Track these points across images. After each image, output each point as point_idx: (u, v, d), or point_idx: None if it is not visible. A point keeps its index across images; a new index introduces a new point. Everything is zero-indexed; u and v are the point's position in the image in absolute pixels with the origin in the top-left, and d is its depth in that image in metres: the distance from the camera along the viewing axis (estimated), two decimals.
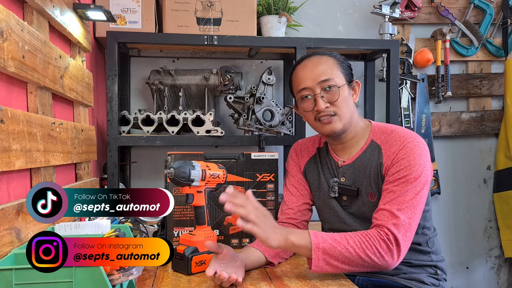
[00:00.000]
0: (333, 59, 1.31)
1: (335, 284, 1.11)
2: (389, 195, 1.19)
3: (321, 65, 1.29)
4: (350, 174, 1.32)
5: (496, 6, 2.38)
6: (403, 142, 1.23)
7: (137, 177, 2.16)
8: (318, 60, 1.30)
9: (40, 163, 1.16)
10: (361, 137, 1.33)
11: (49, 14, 1.27)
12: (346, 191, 1.32)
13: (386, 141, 1.27)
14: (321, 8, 2.29)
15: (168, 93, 1.95)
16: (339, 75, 1.28)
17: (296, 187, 1.42)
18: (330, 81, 1.26)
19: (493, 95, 2.43)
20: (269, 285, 1.11)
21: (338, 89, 1.26)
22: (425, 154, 1.22)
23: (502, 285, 2.48)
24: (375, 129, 1.33)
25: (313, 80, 1.27)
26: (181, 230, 1.45)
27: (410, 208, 1.16)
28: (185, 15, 1.91)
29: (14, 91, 1.11)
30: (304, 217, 1.40)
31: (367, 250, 1.10)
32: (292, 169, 1.46)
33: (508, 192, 2.31)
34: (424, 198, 1.20)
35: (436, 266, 1.33)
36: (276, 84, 2.15)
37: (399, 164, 1.21)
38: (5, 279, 0.77)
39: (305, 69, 1.30)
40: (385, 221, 1.15)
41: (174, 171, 1.16)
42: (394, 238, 1.13)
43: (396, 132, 1.28)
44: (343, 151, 1.35)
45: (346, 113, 1.28)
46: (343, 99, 1.27)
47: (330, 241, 1.11)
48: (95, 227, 1.10)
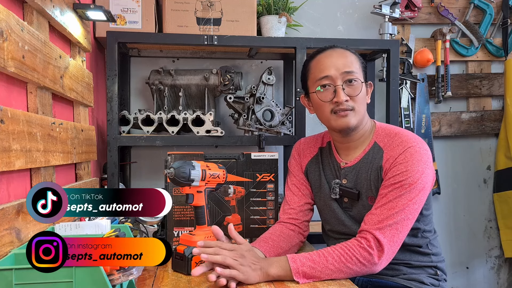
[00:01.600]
0: (355, 55, 1.31)
1: (335, 284, 1.11)
2: (382, 199, 1.19)
3: (347, 58, 1.28)
4: (352, 176, 1.31)
5: (496, 6, 2.38)
6: (405, 146, 1.22)
7: (137, 177, 2.16)
8: (343, 53, 1.30)
9: (40, 163, 1.16)
10: (366, 138, 1.33)
11: (49, 14, 1.27)
12: (347, 194, 1.32)
13: (388, 144, 1.26)
14: (321, 8, 2.29)
15: (168, 93, 1.95)
16: (360, 71, 1.28)
17: (298, 187, 1.42)
18: (354, 74, 1.25)
19: (493, 95, 2.43)
20: (269, 285, 1.11)
21: (361, 84, 1.26)
22: (425, 160, 1.21)
23: (502, 285, 2.48)
24: (379, 130, 1.32)
25: (337, 70, 1.25)
26: (181, 230, 1.45)
27: (401, 213, 1.15)
28: (185, 15, 1.91)
29: (14, 91, 1.11)
30: (306, 217, 1.40)
31: (348, 263, 1.12)
32: (294, 168, 1.45)
33: (508, 192, 2.31)
34: (419, 204, 1.19)
35: (436, 266, 1.33)
36: (276, 84, 2.15)
37: (396, 169, 1.20)
38: (5, 279, 0.77)
39: (330, 58, 1.28)
40: (371, 225, 1.16)
41: (174, 171, 1.16)
42: (376, 242, 1.13)
43: (399, 136, 1.26)
44: (347, 152, 1.35)
45: (362, 110, 1.28)
46: (363, 96, 1.27)
47: (309, 263, 1.11)
48: (95, 227, 1.10)
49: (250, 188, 1.51)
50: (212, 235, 1.24)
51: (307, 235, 1.42)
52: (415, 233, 1.29)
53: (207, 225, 1.24)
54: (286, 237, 1.34)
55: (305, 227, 1.40)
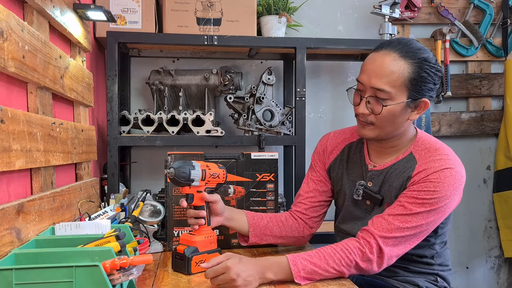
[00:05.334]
0: (411, 68, 1.13)
1: (335, 284, 1.12)
2: (399, 208, 1.14)
3: (387, 70, 1.13)
4: (379, 181, 1.26)
5: (496, 6, 2.38)
6: (444, 165, 1.15)
7: (137, 177, 2.16)
8: (389, 62, 1.14)
9: (40, 163, 1.16)
10: (402, 147, 1.26)
11: (49, 14, 1.27)
12: (370, 197, 1.27)
13: (425, 157, 1.19)
14: (321, 8, 2.29)
15: (168, 93, 1.95)
16: (401, 89, 1.14)
17: (316, 183, 1.39)
18: (383, 92, 1.14)
19: (493, 95, 2.43)
20: (269, 285, 1.11)
21: (388, 105, 1.14)
22: (458, 186, 1.14)
23: (502, 285, 2.49)
24: (419, 142, 1.24)
25: (369, 81, 1.15)
26: (181, 230, 1.45)
27: (413, 230, 1.13)
28: (185, 15, 1.91)
29: (14, 91, 1.11)
30: (316, 213, 1.38)
31: (348, 266, 1.12)
32: (316, 164, 1.41)
33: (508, 192, 2.31)
34: (433, 226, 1.16)
35: (437, 274, 1.30)
36: (276, 84, 2.15)
37: (426, 185, 1.13)
38: (5, 279, 0.77)
39: (371, 65, 1.17)
40: (378, 231, 1.13)
41: (174, 171, 1.16)
42: (378, 250, 1.12)
43: (440, 152, 1.19)
44: (378, 155, 1.29)
45: (387, 129, 1.19)
46: (389, 116, 1.16)
47: (310, 266, 1.11)
48: (95, 227, 1.10)
49: (250, 188, 1.51)
50: (212, 235, 1.25)
51: (314, 231, 1.41)
52: (423, 244, 1.22)
53: (207, 225, 1.24)
54: (285, 226, 1.35)
55: (313, 223, 1.39)
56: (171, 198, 1.45)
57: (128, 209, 1.43)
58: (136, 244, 1.10)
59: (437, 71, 1.17)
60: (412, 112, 1.19)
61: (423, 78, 1.14)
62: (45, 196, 1.18)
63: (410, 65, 1.14)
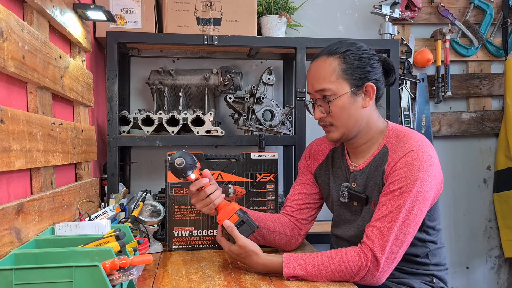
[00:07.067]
0: (339, 60, 1.21)
1: (335, 284, 1.11)
2: (382, 209, 1.14)
3: (321, 71, 1.22)
4: (361, 180, 1.26)
5: (496, 6, 2.38)
6: (407, 149, 1.15)
7: (137, 177, 2.16)
8: (320, 65, 1.23)
9: (40, 163, 1.16)
10: (375, 141, 1.27)
11: (49, 14, 1.27)
12: (356, 198, 1.27)
13: (394, 146, 1.20)
14: (321, 8, 2.29)
15: (168, 93, 1.95)
16: (340, 82, 1.20)
17: (302, 186, 1.42)
18: (326, 91, 1.21)
19: (493, 95, 2.43)
20: (269, 285, 1.11)
21: (334, 100, 1.20)
22: (427, 166, 1.13)
23: (502, 285, 2.48)
24: (390, 132, 1.25)
25: (313, 87, 1.24)
26: (181, 230, 1.45)
27: (402, 228, 1.11)
28: (185, 15, 1.91)
29: (14, 91, 1.11)
30: (304, 215, 1.40)
31: (344, 276, 1.12)
32: (304, 169, 1.45)
33: (508, 192, 2.31)
34: (420, 216, 1.14)
35: (433, 275, 1.29)
36: (276, 84, 2.15)
37: (396, 174, 1.14)
38: (5, 279, 0.77)
39: (309, 74, 1.26)
40: (373, 241, 1.12)
41: (174, 159, 1.17)
42: (375, 261, 1.11)
43: (406, 138, 1.20)
44: (356, 155, 1.31)
45: (344, 123, 1.22)
46: (341, 110, 1.21)
47: (301, 272, 1.13)
48: (95, 227, 1.10)
49: (250, 188, 1.51)
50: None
51: (305, 233, 1.42)
52: (414, 242, 1.20)
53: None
54: (278, 222, 1.37)
55: (302, 225, 1.40)
56: (171, 198, 1.44)
57: (128, 209, 1.43)
58: (136, 244, 1.10)
59: (365, 54, 1.22)
60: (363, 100, 1.23)
61: (354, 65, 1.20)
62: (45, 196, 1.18)
63: (337, 58, 1.21)
